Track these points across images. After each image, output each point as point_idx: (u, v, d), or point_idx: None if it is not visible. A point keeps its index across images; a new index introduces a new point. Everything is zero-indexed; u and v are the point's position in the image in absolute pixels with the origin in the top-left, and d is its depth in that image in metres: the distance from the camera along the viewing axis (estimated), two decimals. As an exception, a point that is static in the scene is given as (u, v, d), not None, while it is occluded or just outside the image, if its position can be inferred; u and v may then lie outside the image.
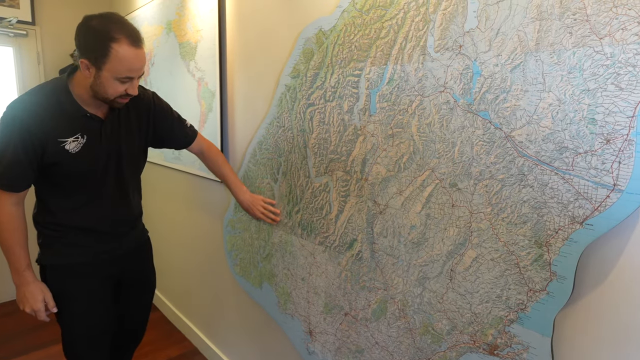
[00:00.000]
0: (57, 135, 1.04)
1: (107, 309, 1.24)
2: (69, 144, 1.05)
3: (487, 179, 0.81)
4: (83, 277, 1.17)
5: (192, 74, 1.79)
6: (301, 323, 1.32)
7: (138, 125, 1.23)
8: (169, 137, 1.34)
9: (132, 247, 1.30)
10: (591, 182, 0.68)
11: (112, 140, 1.15)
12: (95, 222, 1.18)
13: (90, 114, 1.09)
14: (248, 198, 1.36)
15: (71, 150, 1.06)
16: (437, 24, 0.86)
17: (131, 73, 1.02)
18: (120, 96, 1.05)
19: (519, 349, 0.79)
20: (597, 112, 0.66)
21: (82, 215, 1.15)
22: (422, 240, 0.94)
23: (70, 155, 1.07)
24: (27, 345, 2.11)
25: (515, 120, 0.76)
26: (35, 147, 1.02)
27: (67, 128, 1.06)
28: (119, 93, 1.04)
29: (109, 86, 1.02)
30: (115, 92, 1.03)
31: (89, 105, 1.09)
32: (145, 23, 2.15)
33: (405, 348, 1.00)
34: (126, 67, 1.00)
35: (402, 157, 0.96)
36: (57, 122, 1.04)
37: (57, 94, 1.05)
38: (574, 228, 0.70)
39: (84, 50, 0.99)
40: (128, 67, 1.00)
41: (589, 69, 0.66)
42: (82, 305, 1.17)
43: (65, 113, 1.06)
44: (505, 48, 0.76)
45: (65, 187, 1.12)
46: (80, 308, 1.17)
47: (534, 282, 0.76)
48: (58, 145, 1.05)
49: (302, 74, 1.21)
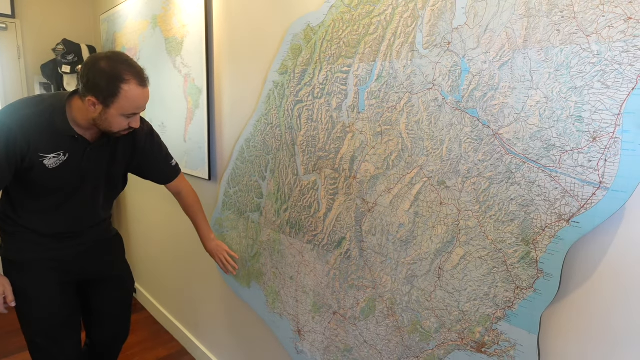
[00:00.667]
0: (38, 149, 1.06)
1: (65, 302, 1.23)
2: (49, 159, 1.08)
3: (475, 177, 0.81)
4: (38, 272, 1.18)
5: (178, 70, 1.76)
6: (290, 322, 1.31)
7: (123, 153, 1.23)
8: (150, 171, 1.33)
9: (92, 245, 1.28)
10: (578, 180, 0.68)
11: (93, 163, 1.16)
12: (55, 228, 1.19)
13: (78, 136, 1.10)
14: (214, 246, 1.40)
15: (49, 165, 1.08)
16: (426, 20, 0.86)
17: (137, 110, 1.06)
18: (123, 129, 1.09)
19: (506, 346, 0.79)
20: (583, 110, 0.66)
21: (43, 220, 1.17)
22: (411, 239, 0.94)
23: (46, 169, 1.08)
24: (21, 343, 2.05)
25: (503, 117, 0.76)
26: (17, 155, 1.04)
27: (51, 144, 1.07)
28: (123, 128, 1.08)
29: (115, 122, 1.05)
30: (120, 127, 1.07)
31: (80, 128, 1.10)
32: (130, 18, 2.10)
33: (393, 346, 1.00)
34: (134, 105, 1.04)
35: (390, 154, 0.96)
36: (43, 137, 1.06)
37: (53, 114, 1.07)
38: (560, 226, 0.70)
39: (92, 89, 1.00)
40: (136, 106, 1.04)
41: (576, 67, 0.66)
42: (38, 298, 1.17)
43: (54, 131, 1.07)
44: (494, 45, 0.76)
45: (36, 192, 1.14)
46: (36, 301, 1.17)
47: (521, 280, 0.76)
48: (37, 158, 1.06)
49: (290, 70, 1.19)
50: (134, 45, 2.10)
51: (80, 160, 1.12)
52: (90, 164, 1.15)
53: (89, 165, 1.15)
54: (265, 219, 1.35)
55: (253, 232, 1.41)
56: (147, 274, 2.43)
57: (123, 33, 2.20)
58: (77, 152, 1.11)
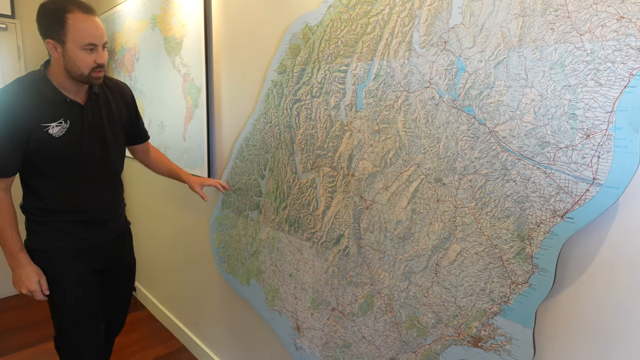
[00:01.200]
0: (40, 120, 1.09)
1: (94, 294, 1.27)
2: (52, 128, 1.10)
3: (472, 174, 0.82)
4: (69, 261, 1.20)
5: (177, 70, 1.76)
6: (289, 319, 1.32)
7: (118, 111, 1.29)
8: (135, 130, 1.42)
9: (115, 236, 1.33)
10: (572, 176, 0.69)
11: (94, 124, 1.19)
12: (80, 207, 1.21)
13: (70, 100, 1.13)
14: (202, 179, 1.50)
15: (55, 134, 1.11)
16: (423, 19, 0.87)
17: (92, 39, 1.06)
18: (92, 69, 1.09)
19: (502, 340, 0.80)
20: (577, 108, 0.67)
21: (67, 200, 1.19)
22: (408, 235, 0.95)
23: (54, 139, 1.11)
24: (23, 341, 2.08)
25: (499, 115, 0.77)
26: (20, 135, 1.06)
27: (49, 114, 1.10)
28: (89, 65, 1.08)
29: (79, 59, 1.07)
30: (85, 63, 1.08)
31: (69, 92, 1.14)
32: (129, 18, 2.11)
33: (391, 342, 1.01)
34: (86, 35, 1.05)
35: (388, 152, 0.97)
36: (40, 109, 1.09)
37: (36, 83, 1.11)
38: (555, 221, 0.71)
39: (45, 31, 1.06)
40: (88, 34, 1.05)
41: (570, 65, 0.68)
42: (70, 289, 1.20)
43: (47, 100, 1.10)
44: (489, 44, 0.77)
45: (52, 171, 1.15)
46: (69, 292, 1.20)
47: (517, 275, 0.77)
48: (41, 130, 1.09)
49: (288, 69, 1.21)
50: (133, 45, 2.11)
51: (81, 124, 1.16)
52: (92, 127, 1.19)
53: (91, 128, 1.18)
54: (264, 217, 1.36)
55: (252, 230, 1.42)
56: (147, 272, 2.44)
57: (122, 33, 2.21)
58: (76, 117, 1.15)
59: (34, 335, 2.13)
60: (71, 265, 1.21)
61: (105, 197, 1.28)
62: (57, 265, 1.19)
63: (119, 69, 2.31)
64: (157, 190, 2.17)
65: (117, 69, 2.33)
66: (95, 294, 1.27)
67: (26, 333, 2.16)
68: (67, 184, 1.18)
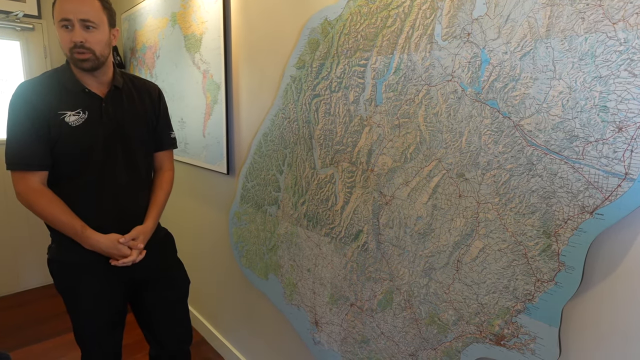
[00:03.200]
0: (58, 108, 1.07)
1: (113, 308, 1.21)
2: (69, 116, 1.08)
3: (495, 169, 0.80)
4: (86, 274, 1.15)
5: (197, 66, 1.79)
6: (307, 314, 1.33)
7: (144, 109, 1.23)
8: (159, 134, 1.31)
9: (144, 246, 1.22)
10: (602, 171, 0.66)
11: (114, 119, 1.15)
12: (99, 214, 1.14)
13: (89, 90, 1.12)
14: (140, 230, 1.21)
15: (71, 123, 1.08)
16: (445, 11, 0.85)
17: (65, 14, 1.03)
18: (71, 49, 1.05)
19: (526, 339, 0.78)
20: (609, 100, 0.65)
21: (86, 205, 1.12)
22: (429, 231, 0.93)
23: (70, 128, 1.08)
24: (39, 334, 2.16)
25: (524, 108, 0.75)
26: (42, 123, 1.05)
27: (67, 102, 1.09)
28: (66, 44, 1.05)
29: (60, 39, 1.06)
30: (64, 42, 1.06)
31: (87, 83, 1.13)
32: (150, 16, 2.14)
33: (411, 338, 1.01)
34: (59, 8, 1.03)
35: (408, 147, 0.96)
36: (58, 97, 1.08)
37: (57, 74, 1.11)
38: (583, 218, 0.69)
39: None
40: (60, 8, 1.03)
41: (602, 56, 0.65)
42: (87, 302, 1.15)
43: (65, 89, 1.10)
44: (515, 35, 0.75)
45: (70, 172, 1.10)
46: (85, 305, 1.15)
47: (542, 273, 0.75)
48: (58, 118, 1.07)
49: (307, 64, 1.20)
50: (154, 43, 2.14)
51: (100, 116, 1.12)
52: (112, 122, 1.14)
53: (111, 122, 1.14)
54: (282, 212, 1.37)
55: (271, 225, 1.43)
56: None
57: (143, 31, 2.25)
58: (95, 109, 1.12)
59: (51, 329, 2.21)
60: (87, 280, 1.15)
61: (128, 205, 1.19)
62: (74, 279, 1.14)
63: (140, 67, 2.35)
64: (178, 186, 2.20)
65: (138, 66, 2.38)
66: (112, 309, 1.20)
67: (58, 322, 2.25)
68: (86, 187, 1.12)
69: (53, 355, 1.99)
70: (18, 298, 2.57)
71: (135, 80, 1.26)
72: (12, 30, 2.43)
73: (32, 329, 2.21)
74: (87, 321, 1.17)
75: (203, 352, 2.01)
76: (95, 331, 1.19)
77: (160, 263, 1.29)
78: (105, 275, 1.17)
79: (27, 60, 2.52)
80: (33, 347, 2.05)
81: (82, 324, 1.18)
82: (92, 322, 1.18)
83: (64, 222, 1.08)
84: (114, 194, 1.16)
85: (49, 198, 1.07)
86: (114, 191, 1.16)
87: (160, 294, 1.30)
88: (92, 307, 1.16)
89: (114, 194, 1.16)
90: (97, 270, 1.16)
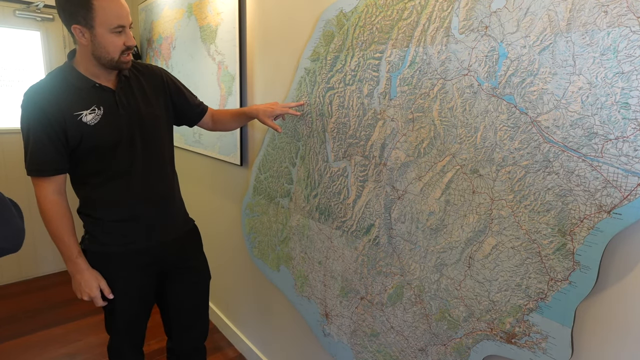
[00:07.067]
0: (72, 109, 1.05)
1: (144, 298, 1.24)
2: (86, 116, 1.06)
3: (510, 165, 0.79)
4: (118, 264, 1.17)
5: (212, 57, 1.80)
6: (317, 306, 1.34)
7: (155, 93, 1.22)
8: (186, 107, 1.32)
9: (169, 239, 1.25)
10: (621, 170, 0.65)
11: (130, 109, 1.14)
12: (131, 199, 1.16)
13: (99, 84, 1.09)
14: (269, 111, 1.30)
15: (89, 122, 1.07)
16: (462, 4, 0.83)
17: (121, 20, 1.03)
18: (122, 53, 1.06)
19: (538, 338, 0.78)
20: (631, 97, 0.63)
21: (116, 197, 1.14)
22: (441, 227, 0.93)
23: (89, 127, 1.07)
24: (58, 317, 2.24)
25: (542, 104, 0.73)
26: (55, 127, 1.03)
27: (80, 102, 1.07)
28: (119, 48, 1.05)
29: (108, 43, 1.03)
30: (115, 47, 1.04)
31: (97, 77, 1.10)
32: (166, 7, 2.16)
33: (420, 333, 1.01)
34: (114, 14, 1.01)
35: (422, 142, 0.95)
36: (69, 97, 1.06)
37: (63, 73, 1.08)
38: (600, 217, 0.68)
39: (70, 17, 1.00)
40: (116, 14, 1.02)
41: (624, 51, 0.63)
42: (121, 292, 1.18)
43: (75, 88, 1.07)
44: (534, 29, 0.73)
45: (97, 167, 1.12)
46: (119, 295, 1.18)
47: (556, 272, 0.74)
48: (75, 119, 1.05)
49: (322, 57, 1.20)
50: (170, 34, 2.16)
51: (116, 109, 1.11)
52: (128, 112, 1.13)
53: (127, 113, 1.13)
54: (294, 204, 1.38)
55: (283, 217, 1.45)
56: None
57: (160, 22, 2.26)
58: (110, 103, 1.10)
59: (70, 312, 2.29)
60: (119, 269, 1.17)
61: (156, 185, 1.20)
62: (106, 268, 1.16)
63: (156, 57, 2.38)
64: (191, 177, 2.23)
65: (154, 57, 2.40)
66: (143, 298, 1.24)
67: (76, 306, 2.33)
68: (112, 178, 1.13)
69: (72, 337, 2.07)
70: (38, 282, 2.67)
71: (138, 65, 1.24)
72: (33, 20, 2.48)
73: (52, 312, 2.30)
74: (119, 311, 1.20)
75: (215, 340, 2.05)
76: (127, 320, 1.22)
77: (189, 256, 1.33)
78: (138, 266, 1.20)
79: (47, 50, 2.57)
80: (53, 330, 2.13)
81: (115, 314, 1.20)
82: (124, 312, 1.20)
83: (65, 241, 1.10)
84: (142, 180, 1.17)
85: (61, 213, 1.09)
86: (141, 177, 1.17)
87: (186, 286, 1.32)
88: (126, 297, 1.19)
89: (142, 180, 1.17)
90: (130, 261, 1.18)
